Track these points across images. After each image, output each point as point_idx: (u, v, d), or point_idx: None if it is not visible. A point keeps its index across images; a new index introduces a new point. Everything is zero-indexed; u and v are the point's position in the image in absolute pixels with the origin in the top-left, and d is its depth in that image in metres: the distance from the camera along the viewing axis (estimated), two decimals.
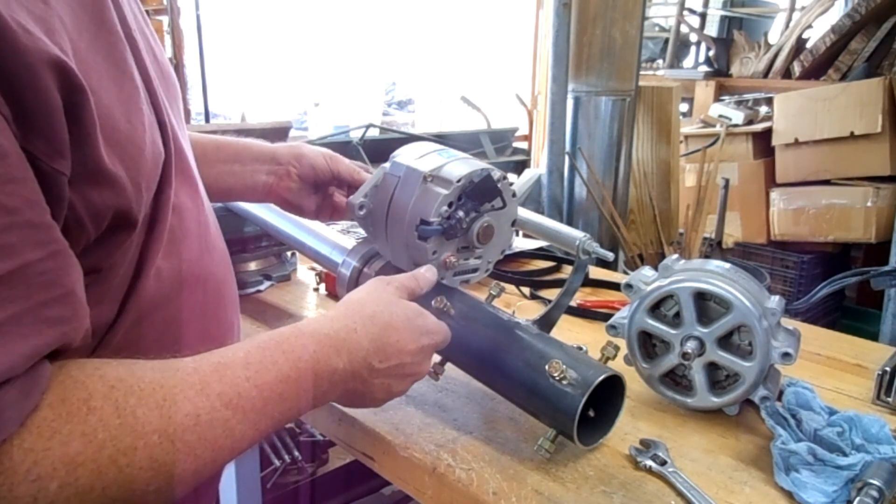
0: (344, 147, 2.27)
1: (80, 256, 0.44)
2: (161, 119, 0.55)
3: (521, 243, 1.44)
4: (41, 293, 0.39)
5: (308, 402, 0.57)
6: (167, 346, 0.56)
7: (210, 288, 0.64)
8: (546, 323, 0.84)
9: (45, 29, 0.40)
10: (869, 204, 2.77)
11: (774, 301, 0.79)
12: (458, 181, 0.75)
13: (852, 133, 2.81)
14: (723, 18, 4.15)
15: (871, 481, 0.63)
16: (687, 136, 3.12)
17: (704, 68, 3.88)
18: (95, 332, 0.48)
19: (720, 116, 3.16)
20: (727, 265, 0.82)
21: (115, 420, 0.41)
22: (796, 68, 3.39)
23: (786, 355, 0.76)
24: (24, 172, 0.39)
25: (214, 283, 0.66)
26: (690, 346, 0.78)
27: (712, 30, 4.15)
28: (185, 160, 0.61)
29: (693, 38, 4.32)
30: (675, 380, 0.84)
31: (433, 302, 0.75)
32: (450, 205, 0.75)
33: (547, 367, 0.69)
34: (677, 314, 0.80)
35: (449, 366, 0.79)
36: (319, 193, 0.92)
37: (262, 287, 1.19)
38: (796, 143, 2.95)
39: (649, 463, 0.71)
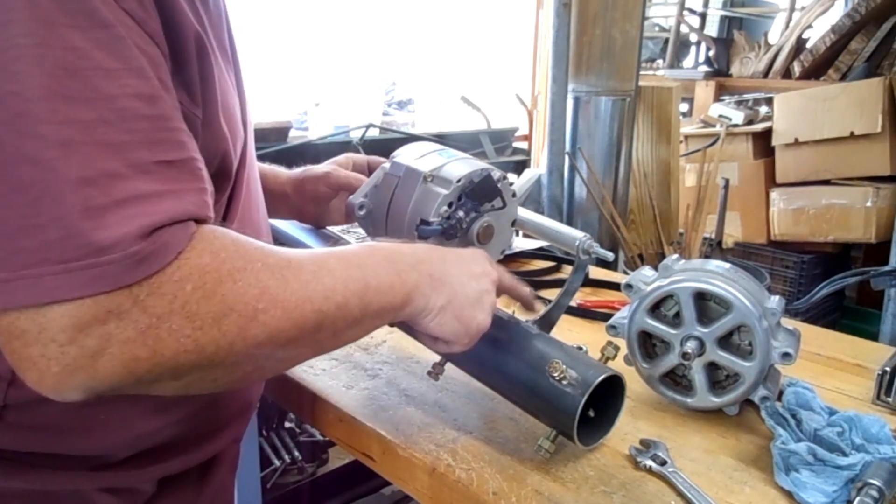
0: (344, 147, 2.27)
1: None
2: (244, 118, 0.66)
3: (521, 243, 1.44)
4: (198, 182, 0.52)
5: (388, 272, 0.62)
6: None
7: None
8: (546, 323, 0.84)
9: (190, 9, 0.54)
10: (869, 204, 2.76)
11: (774, 301, 0.79)
12: (458, 181, 0.75)
13: (852, 133, 2.81)
14: (723, 18, 4.15)
15: (871, 481, 0.63)
16: (687, 136, 3.11)
17: (704, 68, 3.88)
18: None
19: (720, 116, 3.15)
20: (727, 265, 0.82)
21: (232, 247, 0.52)
22: (796, 68, 3.39)
23: (786, 355, 0.76)
24: (178, 105, 0.53)
25: None
26: (690, 346, 0.78)
27: (712, 30, 4.14)
28: (254, 161, 0.71)
29: (693, 38, 4.32)
30: (675, 380, 0.84)
31: None
32: (450, 205, 0.75)
33: (547, 367, 0.69)
34: (677, 314, 0.80)
35: (449, 366, 0.79)
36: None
37: None
38: (796, 143, 2.95)
39: (649, 463, 0.71)
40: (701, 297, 0.79)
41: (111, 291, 0.46)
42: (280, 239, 1.07)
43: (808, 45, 3.40)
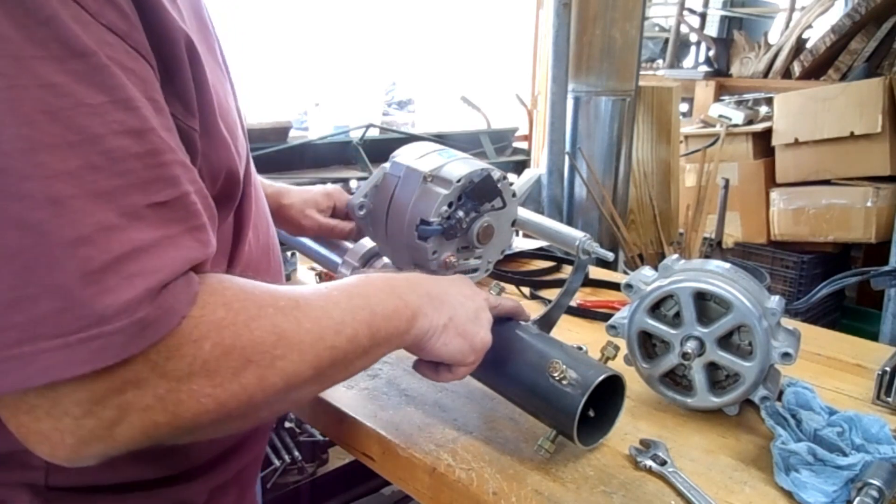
0: (344, 147, 2.27)
1: None
2: (237, 107, 0.63)
3: (521, 243, 1.44)
4: (194, 219, 0.48)
5: (390, 297, 0.62)
6: None
7: (275, 259, 0.72)
8: (546, 323, 0.84)
9: (176, 12, 0.49)
10: (869, 204, 2.76)
11: (774, 301, 0.79)
12: (458, 181, 0.75)
13: (852, 133, 2.81)
14: (723, 18, 4.15)
15: (871, 481, 0.63)
16: (687, 136, 3.11)
17: (704, 68, 3.88)
18: None
19: (720, 116, 3.15)
20: (727, 265, 0.82)
21: (242, 294, 0.50)
22: (796, 68, 3.39)
23: (786, 355, 0.76)
24: (174, 125, 0.48)
25: (277, 254, 0.74)
26: (690, 346, 0.78)
27: (712, 30, 4.14)
28: (248, 148, 0.69)
29: (693, 38, 4.32)
30: (675, 380, 0.84)
31: None
32: (450, 205, 0.75)
33: (547, 367, 0.69)
34: (677, 314, 0.80)
35: None
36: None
37: None
38: (796, 143, 2.95)
39: (649, 463, 0.71)
40: (701, 297, 0.79)
41: (127, 361, 0.43)
42: (281, 240, 1.07)
43: (808, 45, 3.40)
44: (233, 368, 0.47)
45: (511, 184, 0.81)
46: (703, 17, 4.17)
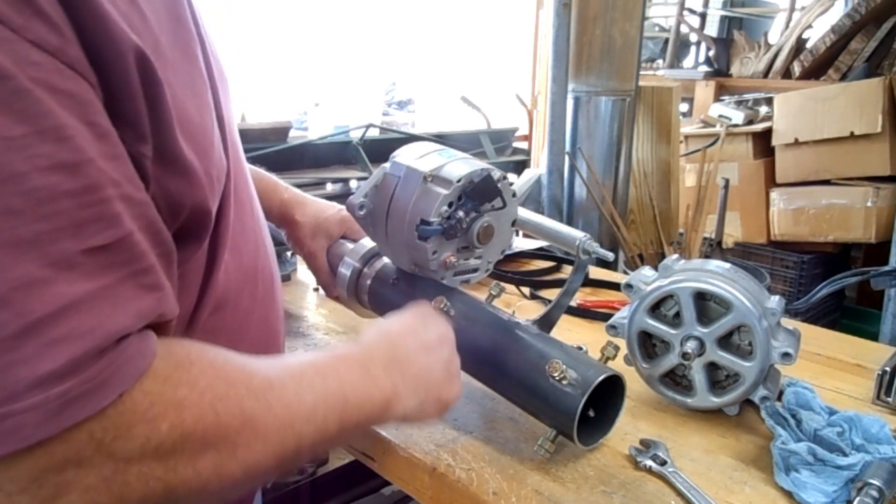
0: (344, 147, 2.27)
1: None
2: (220, 114, 0.56)
3: (521, 243, 1.44)
4: (139, 262, 0.42)
5: (363, 378, 0.58)
6: (236, 339, 0.58)
7: (265, 281, 0.67)
8: (546, 323, 0.84)
9: (127, 23, 0.42)
10: (869, 204, 2.76)
11: (774, 301, 0.79)
12: (458, 181, 0.75)
13: (852, 133, 2.81)
14: (723, 18, 4.16)
15: (871, 481, 0.63)
16: (687, 136, 3.11)
17: (704, 68, 3.88)
18: (176, 328, 0.50)
19: (720, 116, 3.15)
20: (727, 265, 0.82)
21: (211, 371, 0.46)
22: (796, 68, 3.39)
23: (786, 355, 0.76)
24: (122, 151, 0.42)
25: (268, 275, 0.68)
26: (690, 346, 0.78)
27: (712, 30, 4.15)
28: (239, 155, 0.63)
29: (693, 38, 4.32)
30: (675, 380, 0.84)
31: (433, 302, 0.75)
32: (450, 205, 0.75)
33: (547, 367, 0.69)
34: (677, 314, 0.80)
35: None
36: None
37: None
38: (796, 143, 2.95)
39: (649, 463, 0.71)
40: (701, 297, 0.79)
41: (67, 438, 0.38)
42: (282, 241, 1.06)
43: (808, 45, 3.40)
44: (189, 453, 0.43)
45: (511, 184, 0.81)
46: (703, 17, 4.17)
